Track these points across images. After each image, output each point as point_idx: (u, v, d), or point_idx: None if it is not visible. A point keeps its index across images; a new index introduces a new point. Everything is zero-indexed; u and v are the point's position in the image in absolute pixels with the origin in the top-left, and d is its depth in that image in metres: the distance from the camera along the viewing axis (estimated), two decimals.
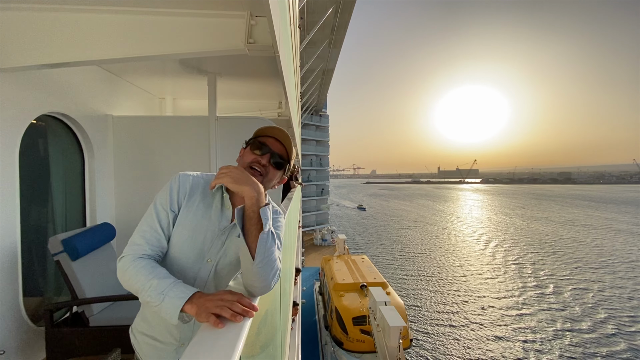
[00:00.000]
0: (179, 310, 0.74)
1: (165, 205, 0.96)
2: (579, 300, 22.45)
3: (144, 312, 1.03)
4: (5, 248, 2.02)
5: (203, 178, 1.06)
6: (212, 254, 0.98)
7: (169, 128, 3.42)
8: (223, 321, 0.66)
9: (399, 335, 9.94)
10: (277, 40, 1.26)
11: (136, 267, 0.84)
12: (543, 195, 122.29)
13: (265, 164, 1.01)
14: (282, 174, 1.07)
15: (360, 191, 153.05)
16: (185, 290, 0.77)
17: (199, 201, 1.00)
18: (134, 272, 0.84)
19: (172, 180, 1.02)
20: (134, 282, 0.83)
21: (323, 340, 15.56)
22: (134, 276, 0.83)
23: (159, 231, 0.93)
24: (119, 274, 0.87)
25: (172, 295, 0.76)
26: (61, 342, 2.09)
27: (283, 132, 1.05)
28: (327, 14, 12.00)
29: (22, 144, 2.16)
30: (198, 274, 0.97)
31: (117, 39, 1.67)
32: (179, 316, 0.75)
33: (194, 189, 1.01)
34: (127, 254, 0.88)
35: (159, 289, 0.78)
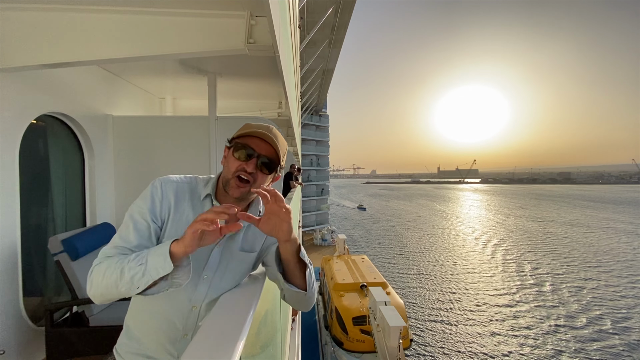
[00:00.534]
0: (167, 253, 0.70)
1: (145, 215, 0.84)
2: (572, 297, 22.95)
3: (130, 331, 0.94)
4: (5, 248, 2.02)
5: (188, 183, 0.94)
6: (209, 270, 0.90)
7: (169, 128, 3.42)
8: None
9: (399, 335, 9.94)
10: (277, 40, 1.27)
11: (101, 266, 0.76)
12: (542, 195, 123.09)
13: (251, 170, 0.88)
14: (273, 175, 0.95)
15: (360, 191, 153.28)
16: (165, 244, 0.73)
17: (188, 211, 0.90)
18: (101, 272, 0.74)
19: (151, 186, 0.89)
20: (108, 276, 0.73)
21: (323, 340, 15.56)
22: (107, 271, 0.74)
23: (134, 244, 0.81)
24: (88, 289, 0.76)
25: (154, 250, 0.72)
26: (61, 342, 2.09)
27: (269, 130, 0.91)
28: (327, 14, 12.00)
29: (22, 144, 2.16)
30: (194, 293, 0.89)
31: (117, 39, 1.67)
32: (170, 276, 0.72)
33: (180, 197, 0.91)
34: (94, 265, 0.78)
35: (139, 256, 0.73)
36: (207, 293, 0.90)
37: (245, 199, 0.94)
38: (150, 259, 0.72)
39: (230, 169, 0.89)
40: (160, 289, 0.76)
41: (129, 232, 0.82)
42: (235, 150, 0.89)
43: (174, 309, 0.89)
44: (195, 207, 0.91)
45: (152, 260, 0.71)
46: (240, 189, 0.88)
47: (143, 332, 0.92)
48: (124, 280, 0.72)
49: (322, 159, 43.72)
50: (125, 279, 0.71)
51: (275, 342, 1.38)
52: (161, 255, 0.70)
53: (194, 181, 0.96)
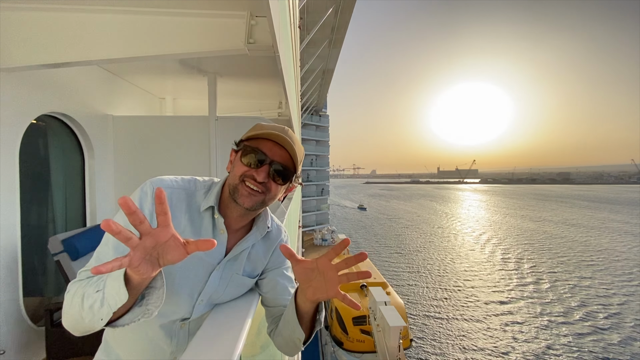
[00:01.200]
0: (122, 277, 0.55)
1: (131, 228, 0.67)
2: (564, 293, 24.11)
3: (109, 346, 0.82)
4: (5, 248, 2.02)
5: (185, 189, 0.79)
6: (206, 293, 0.79)
7: (169, 128, 3.42)
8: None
9: (399, 335, 9.94)
10: (277, 40, 1.27)
11: (70, 291, 0.64)
12: (540, 196, 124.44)
13: (262, 180, 0.74)
14: (287, 185, 0.81)
15: (360, 191, 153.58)
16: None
17: (185, 222, 0.76)
18: (69, 299, 0.63)
19: (140, 192, 0.74)
20: (74, 303, 0.61)
21: (323, 340, 15.56)
22: (71, 301, 0.62)
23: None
24: (63, 318, 0.65)
25: (113, 274, 0.57)
26: (61, 342, 2.09)
27: (284, 132, 0.77)
28: (327, 14, 12.01)
29: (22, 144, 2.16)
30: (192, 314, 0.80)
31: (117, 39, 1.67)
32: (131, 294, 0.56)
33: (176, 204, 0.76)
34: (66, 293, 0.66)
35: (97, 284, 0.61)
36: (203, 314, 0.81)
37: (254, 211, 0.79)
38: (109, 283, 0.57)
39: (237, 174, 0.76)
40: (133, 318, 0.61)
41: (108, 250, 0.68)
42: (243, 154, 0.76)
43: (162, 329, 0.77)
44: (193, 221, 0.77)
45: (109, 286, 0.57)
46: (253, 197, 0.74)
47: (123, 349, 0.79)
48: (85, 309, 0.60)
49: (322, 159, 43.72)
50: (85, 308, 0.59)
51: None
52: (116, 279, 0.56)
53: (192, 186, 0.81)
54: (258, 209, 0.80)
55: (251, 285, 0.89)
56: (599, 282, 25.91)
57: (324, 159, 44.18)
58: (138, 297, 0.62)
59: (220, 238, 0.79)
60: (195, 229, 0.77)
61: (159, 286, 0.63)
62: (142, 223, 0.53)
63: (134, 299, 0.60)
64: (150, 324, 0.76)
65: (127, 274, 0.56)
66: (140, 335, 0.78)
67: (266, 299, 0.89)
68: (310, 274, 0.70)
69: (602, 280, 26.51)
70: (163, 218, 0.55)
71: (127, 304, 0.59)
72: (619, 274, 27.84)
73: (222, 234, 0.79)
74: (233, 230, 0.83)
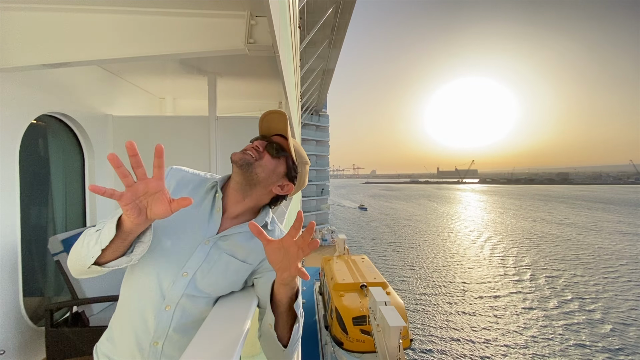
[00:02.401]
0: (116, 219, 0.66)
1: None
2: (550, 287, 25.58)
3: (111, 332, 0.89)
4: (5, 248, 2.02)
5: (197, 176, 0.92)
6: (190, 266, 0.81)
7: (169, 128, 3.42)
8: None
9: (399, 335, 9.93)
10: (277, 40, 1.27)
11: (77, 242, 0.74)
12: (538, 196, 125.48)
13: (258, 147, 0.87)
14: (283, 166, 0.90)
15: (360, 191, 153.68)
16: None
17: (187, 194, 0.86)
18: (74, 248, 0.73)
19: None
20: (77, 248, 0.71)
21: (323, 340, 15.56)
22: (77, 244, 0.72)
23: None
24: (68, 261, 0.76)
25: (110, 220, 0.68)
26: (61, 342, 2.09)
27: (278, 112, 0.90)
28: (327, 14, 12.01)
29: (22, 144, 2.16)
30: (170, 289, 0.80)
31: (117, 39, 1.67)
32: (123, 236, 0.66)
33: (182, 185, 0.88)
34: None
35: (98, 226, 0.71)
36: (184, 292, 0.80)
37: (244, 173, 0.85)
38: (106, 225, 0.68)
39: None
40: (118, 264, 0.70)
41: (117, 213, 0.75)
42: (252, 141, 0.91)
43: (148, 303, 0.81)
44: (195, 197, 0.87)
45: (106, 227, 0.67)
46: (244, 154, 0.85)
47: (119, 331, 0.86)
48: (83, 246, 0.69)
49: (322, 159, 43.72)
50: (84, 245, 0.69)
51: None
52: (111, 222, 0.66)
53: (204, 176, 0.93)
54: (246, 170, 0.85)
55: (240, 272, 0.87)
56: (583, 276, 27.60)
57: (324, 159, 44.19)
58: (128, 250, 0.71)
59: (215, 216, 0.86)
60: (196, 204, 0.85)
61: (146, 241, 0.73)
62: (139, 167, 0.62)
63: (124, 248, 0.69)
64: (140, 297, 0.82)
65: (121, 220, 0.66)
66: (132, 310, 0.83)
67: (261, 301, 0.88)
68: (279, 254, 0.72)
69: (586, 274, 28.21)
70: (157, 171, 0.65)
71: (117, 252, 0.68)
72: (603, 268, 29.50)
73: (218, 212, 0.86)
74: (232, 216, 0.89)
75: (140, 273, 0.82)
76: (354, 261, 19.72)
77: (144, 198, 0.64)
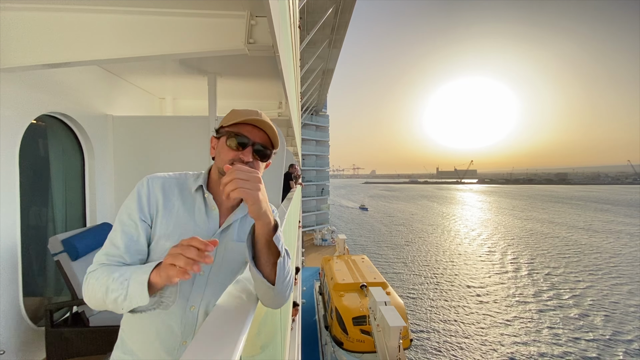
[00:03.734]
0: (145, 283, 0.66)
1: (133, 215, 0.83)
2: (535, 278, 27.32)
3: (125, 343, 0.88)
4: (5, 248, 2.02)
5: (176, 179, 0.92)
6: (204, 266, 0.84)
7: (169, 128, 3.42)
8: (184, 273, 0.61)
9: (399, 335, 9.94)
10: (277, 40, 1.26)
11: (96, 274, 0.75)
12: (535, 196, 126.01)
13: (249, 159, 0.84)
14: (267, 163, 0.92)
15: (359, 191, 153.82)
16: (148, 265, 0.69)
17: (178, 205, 0.87)
18: (94, 281, 0.74)
19: (139, 185, 0.87)
20: (97, 290, 0.72)
21: (323, 340, 15.56)
22: (96, 283, 0.73)
23: (122, 248, 0.80)
24: (84, 295, 0.76)
25: (135, 276, 0.68)
26: (61, 342, 2.09)
27: (259, 115, 0.86)
28: (327, 14, 12.01)
29: (22, 144, 2.16)
30: (192, 290, 0.85)
31: (117, 39, 1.67)
32: (150, 294, 0.67)
33: (168, 192, 0.88)
34: (88, 272, 0.78)
35: (121, 278, 0.70)
36: (205, 290, 0.86)
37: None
38: (132, 284, 0.69)
39: (224, 159, 0.85)
40: (149, 306, 0.74)
41: (117, 237, 0.81)
42: (228, 139, 0.85)
43: (171, 310, 0.83)
44: (185, 201, 0.88)
45: (132, 287, 0.69)
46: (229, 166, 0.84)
47: (138, 341, 0.85)
48: (109, 299, 0.71)
49: (322, 159, 43.70)
50: (109, 298, 0.71)
51: (275, 342, 1.38)
52: (140, 284, 0.67)
53: (182, 176, 0.93)
54: None
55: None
56: (570, 271, 29.15)
57: (324, 159, 44.16)
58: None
59: (212, 214, 0.89)
60: (188, 209, 0.87)
61: (168, 303, 0.76)
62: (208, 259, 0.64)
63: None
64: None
65: (151, 281, 0.67)
66: (152, 317, 0.83)
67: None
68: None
69: (568, 268, 30.03)
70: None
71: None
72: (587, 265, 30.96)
73: (214, 210, 0.89)
74: (225, 208, 0.92)
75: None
76: (354, 261, 19.72)
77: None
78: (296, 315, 4.72)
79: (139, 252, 0.82)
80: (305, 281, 21.66)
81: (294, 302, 4.30)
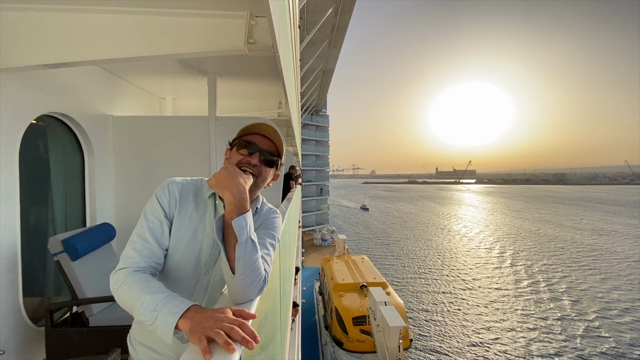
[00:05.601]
0: (173, 328, 0.66)
1: (158, 214, 0.90)
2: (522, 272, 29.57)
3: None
4: (5, 248, 2.02)
5: (192, 184, 1.00)
6: (209, 264, 0.93)
7: (169, 128, 3.42)
8: (213, 350, 0.57)
9: (399, 335, 9.94)
10: (277, 40, 1.27)
11: (128, 282, 0.78)
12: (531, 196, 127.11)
13: (256, 163, 0.95)
14: (274, 170, 1.02)
15: (359, 192, 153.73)
16: (180, 304, 0.70)
17: (192, 209, 0.95)
18: (126, 289, 0.78)
19: (159, 188, 0.95)
20: (127, 299, 0.77)
21: (323, 340, 15.55)
22: (127, 293, 0.77)
23: (152, 242, 0.87)
24: (112, 289, 0.81)
25: (165, 312, 0.69)
26: (61, 342, 2.09)
27: (269, 127, 0.98)
28: (327, 14, 12.01)
29: (22, 144, 2.16)
30: (196, 286, 0.92)
31: (117, 39, 1.67)
32: (174, 333, 0.67)
33: (185, 196, 0.96)
34: (119, 269, 0.82)
35: (152, 305, 0.71)
36: (208, 288, 0.93)
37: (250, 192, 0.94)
38: (160, 318, 0.69)
39: (233, 163, 0.95)
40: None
41: (144, 232, 0.87)
42: (238, 148, 0.96)
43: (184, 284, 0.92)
44: (198, 205, 0.95)
45: (160, 321, 0.69)
46: (244, 173, 0.91)
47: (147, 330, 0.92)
48: (136, 315, 0.74)
49: (322, 159, 43.70)
50: (136, 315, 0.74)
51: (275, 342, 1.38)
52: (168, 324, 0.67)
53: (199, 182, 1.01)
54: (252, 190, 0.95)
55: None
56: (555, 266, 31.14)
57: (324, 159, 44.16)
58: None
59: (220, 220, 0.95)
60: (200, 214, 0.95)
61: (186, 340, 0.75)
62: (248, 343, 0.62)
63: None
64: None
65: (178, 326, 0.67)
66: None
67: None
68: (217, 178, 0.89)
69: (550, 261, 32.47)
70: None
71: None
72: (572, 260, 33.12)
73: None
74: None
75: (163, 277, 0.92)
76: (354, 261, 19.72)
77: None
78: (296, 315, 4.72)
79: (164, 246, 0.90)
80: (305, 281, 21.66)
81: (294, 302, 4.30)
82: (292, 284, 3.09)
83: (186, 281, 0.91)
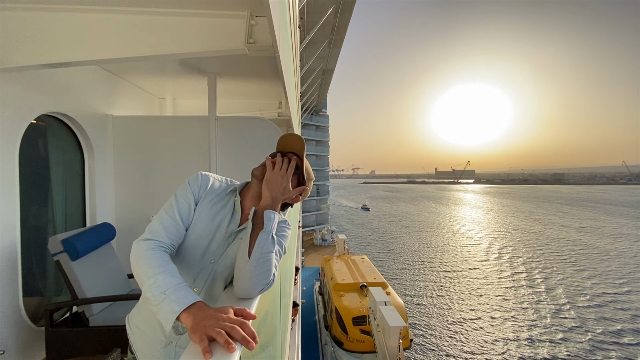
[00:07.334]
0: (174, 317, 0.69)
1: (188, 197, 0.99)
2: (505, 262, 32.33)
3: (140, 304, 1.03)
4: (5, 248, 2.02)
5: (219, 181, 1.09)
6: (216, 255, 0.99)
7: (169, 128, 3.42)
8: (213, 350, 0.57)
9: (399, 335, 9.94)
10: (277, 40, 1.26)
11: (148, 256, 0.82)
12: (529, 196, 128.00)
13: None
14: (296, 185, 1.09)
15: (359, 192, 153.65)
16: (188, 295, 0.72)
17: (214, 202, 1.03)
18: (145, 261, 0.81)
19: (192, 176, 1.05)
20: (142, 271, 0.80)
21: (323, 340, 15.55)
22: (144, 265, 0.81)
23: (178, 221, 0.94)
24: (132, 256, 0.85)
25: (172, 298, 0.71)
26: (61, 342, 2.09)
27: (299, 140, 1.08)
28: (327, 14, 12.01)
29: (22, 144, 2.16)
30: (200, 273, 0.97)
31: (117, 39, 1.67)
32: (173, 324, 0.69)
33: (212, 188, 1.05)
34: (144, 239, 0.87)
35: (163, 287, 0.74)
36: (210, 276, 0.97)
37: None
38: (166, 302, 0.72)
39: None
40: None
41: (173, 210, 0.95)
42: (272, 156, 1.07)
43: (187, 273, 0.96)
44: (220, 200, 1.04)
45: (165, 305, 0.72)
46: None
47: (146, 307, 0.96)
48: (144, 290, 0.78)
49: (322, 159, 43.71)
50: (145, 290, 0.78)
51: (275, 342, 1.38)
52: (171, 312, 0.70)
53: (226, 181, 1.11)
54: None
55: None
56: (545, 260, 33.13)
57: (324, 159, 44.18)
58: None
59: (236, 215, 1.03)
60: (220, 207, 1.03)
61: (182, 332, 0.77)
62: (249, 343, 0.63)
63: None
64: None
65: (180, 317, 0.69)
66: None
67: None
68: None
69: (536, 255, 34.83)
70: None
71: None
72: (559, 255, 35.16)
73: (238, 213, 1.04)
74: (248, 213, 1.04)
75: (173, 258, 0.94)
76: (354, 261, 19.72)
77: None
78: (296, 315, 4.72)
79: (187, 227, 0.97)
80: (305, 281, 21.66)
81: (294, 302, 4.30)
82: (292, 284, 3.09)
83: (193, 265, 0.96)
